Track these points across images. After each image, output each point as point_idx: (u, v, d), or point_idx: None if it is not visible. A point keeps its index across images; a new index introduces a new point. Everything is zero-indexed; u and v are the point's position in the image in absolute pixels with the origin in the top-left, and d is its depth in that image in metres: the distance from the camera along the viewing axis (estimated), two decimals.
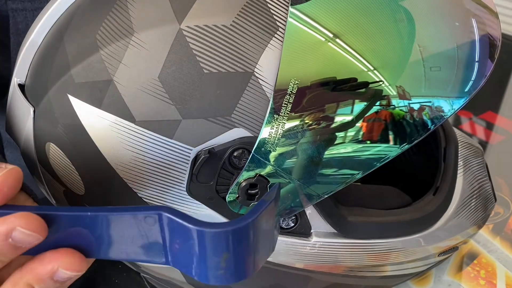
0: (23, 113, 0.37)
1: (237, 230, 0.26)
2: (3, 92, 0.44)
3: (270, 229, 0.30)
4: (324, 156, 0.33)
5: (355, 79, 0.32)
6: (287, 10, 0.33)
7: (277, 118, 0.32)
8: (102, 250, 0.29)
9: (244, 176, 0.34)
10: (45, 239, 0.28)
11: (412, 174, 0.52)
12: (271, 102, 0.32)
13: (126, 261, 0.29)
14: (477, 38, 0.35)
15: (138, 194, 0.35)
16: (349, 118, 0.33)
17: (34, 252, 0.28)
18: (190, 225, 0.26)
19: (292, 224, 0.37)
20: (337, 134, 0.33)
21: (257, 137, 0.33)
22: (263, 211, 0.28)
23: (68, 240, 0.29)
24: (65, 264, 0.28)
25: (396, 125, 0.33)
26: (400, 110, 0.33)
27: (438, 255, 0.45)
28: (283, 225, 0.37)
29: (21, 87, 0.38)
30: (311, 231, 0.38)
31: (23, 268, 0.29)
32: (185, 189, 0.34)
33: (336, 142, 0.33)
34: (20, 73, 0.38)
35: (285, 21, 0.32)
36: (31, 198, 0.33)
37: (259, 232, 0.28)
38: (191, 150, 0.33)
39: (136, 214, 0.28)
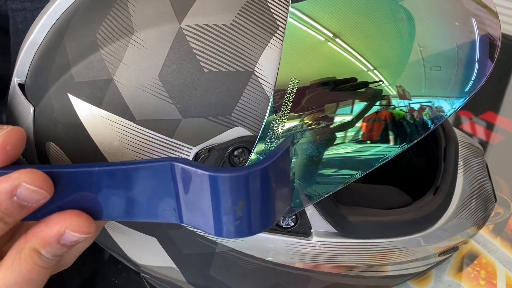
0: (23, 113, 0.37)
1: (253, 174, 0.25)
2: (3, 92, 0.44)
3: (285, 179, 0.29)
4: (324, 156, 0.33)
5: (355, 79, 0.32)
6: (287, 10, 0.33)
7: (277, 117, 0.32)
8: (110, 210, 0.28)
9: None
10: (50, 202, 0.27)
11: (412, 174, 0.52)
12: (271, 101, 0.32)
13: (137, 220, 0.28)
14: (477, 38, 0.35)
15: None
16: (349, 118, 0.33)
17: (39, 216, 0.27)
18: (204, 172, 0.25)
19: (292, 224, 0.37)
20: (337, 134, 0.33)
21: (257, 136, 0.33)
22: (279, 156, 0.27)
23: (74, 203, 0.27)
24: (73, 226, 0.27)
25: (396, 125, 0.33)
26: (400, 110, 0.33)
27: (438, 255, 0.45)
28: (283, 225, 0.37)
29: (21, 86, 0.38)
30: (311, 230, 0.38)
31: (28, 233, 0.28)
32: None
33: (336, 142, 0.33)
34: (20, 73, 0.38)
35: (285, 20, 0.32)
36: None
37: (275, 179, 0.27)
38: (191, 149, 0.33)
39: (147, 167, 0.26)
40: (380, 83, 0.32)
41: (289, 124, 0.32)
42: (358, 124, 0.33)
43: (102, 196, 0.28)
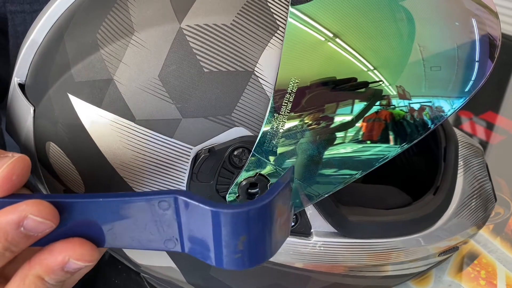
0: (23, 113, 0.37)
1: (254, 210, 0.26)
2: (3, 94, 0.44)
3: (286, 211, 0.29)
4: (324, 156, 0.33)
5: (355, 79, 0.32)
6: (287, 10, 0.33)
7: (277, 117, 0.32)
8: (114, 239, 0.28)
9: (244, 175, 0.34)
10: (55, 229, 0.27)
11: (413, 174, 0.52)
12: (271, 101, 0.32)
13: (140, 249, 0.29)
14: (477, 38, 0.35)
15: None
16: (349, 118, 0.33)
17: (44, 243, 0.28)
18: (206, 207, 0.26)
19: (292, 224, 0.37)
20: (337, 134, 0.33)
21: (257, 136, 0.33)
22: (280, 192, 0.27)
23: (78, 229, 0.28)
24: (76, 255, 0.28)
25: (396, 125, 0.33)
26: (400, 110, 0.33)
27: (438, 255, 0.45)
28: None
29: (21, 86, 0.38)
30: (311, 230, 0.38)
31: (32, 260, 0.28)
32: (185, 189, 0.34)
33: (336, 142, 0.33)
34: (20, 73, 0.38)
35: (285, 20, 0.32)
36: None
37: (276, 214, 0.27)
38: (191, 149, 0.33)
39: (150, 199, 0.27)
40: (380, 83, 0.32)
41: (289, 124, 0.32)
42: (358, 124, 0.33)
43: (106, 225, 0.28)
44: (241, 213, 0.26)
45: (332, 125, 0.33)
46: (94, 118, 0.34)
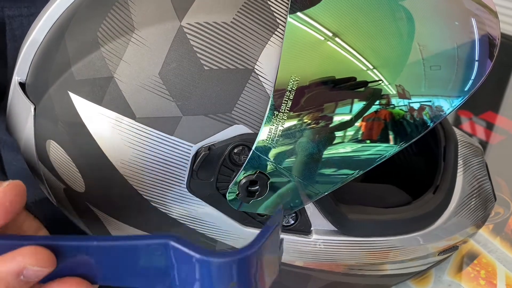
0: (24, 112, 0.37)
1: (244, 259, 0.26)
2: (1, 97, 0.44)
3: (275, 253, 0.30)
4: (324, 154, 0.33)
5: (354, 78, 0.32)
6: (287, 8, 0.33)
7: (277, 115, 0.32)
8: (108, 277, 0.29)
9: (244, 173, 0.34)
10: None
11: (412, 173, 0.52)
12: (271, 99, 0.32)
13: (132, 286, 0.29)
14: (476, 38, 0.35)
15: (139, 191, 0.35)
16: (348, 117, 0.33)
17: (42, 281, 0.28)
18: (196, 255, 0.26)
19: (292, 222, 0.37)
20: (336, 133, 0.33)
21: (257, 134, 0.33)
22: (269, 237, 0.27)
23: (74, 268, 0.29)
24: None
25: (395, 125, 0.33)
26: (400, 109, 0.33)
27: (437, 254, 0.45)
28: (283, 223, 0.37)
29: (22, 85, 0.38)
30: (311, 228, 0.38)
31: None
32: (185, 186, 0.34)
33: (336, 141, 0.33)
34: (21, 72, 0.38)
35: (285, 19, 0.33)
36: (36, 217, 0.33)
37: (265, 258, 0.28)
38: (192, 146, 0.33)
39: (143, 243, 0.28)
40: (380, 82, 0.33)
41: (289, 122, 0.32)
42: (357, 124, 0.33)
43: (100, 265, 0.29)
44: (230, 262, 0.26)
45: (332, 124, 0.33)
46: (94, 116, 0.34)
